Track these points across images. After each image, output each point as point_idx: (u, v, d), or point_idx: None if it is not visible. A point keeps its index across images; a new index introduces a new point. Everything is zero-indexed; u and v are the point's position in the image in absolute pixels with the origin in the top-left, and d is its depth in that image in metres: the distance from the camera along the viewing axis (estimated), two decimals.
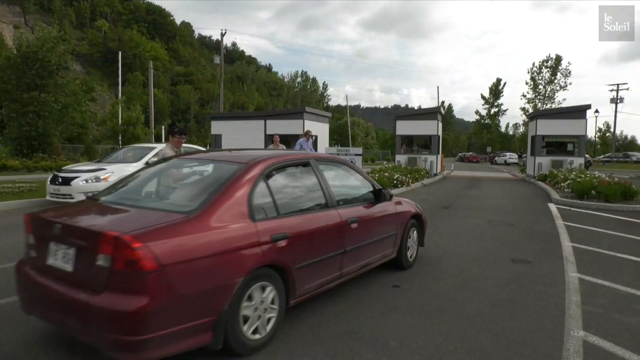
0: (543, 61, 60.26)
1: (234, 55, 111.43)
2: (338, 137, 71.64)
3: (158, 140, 36.27)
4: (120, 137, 32.23)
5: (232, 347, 3.10)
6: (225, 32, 35.92)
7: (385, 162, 28.63)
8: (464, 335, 3.66)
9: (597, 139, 70.56)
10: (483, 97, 74.91)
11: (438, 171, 24.50)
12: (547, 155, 21.79)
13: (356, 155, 13.34)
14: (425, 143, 24.77)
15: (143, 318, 2.60)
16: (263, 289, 3.33)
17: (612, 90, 55.25)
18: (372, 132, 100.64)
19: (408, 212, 5.49)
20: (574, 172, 16.06)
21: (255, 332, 3.27)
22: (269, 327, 3.38)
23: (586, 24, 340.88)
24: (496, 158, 53.52)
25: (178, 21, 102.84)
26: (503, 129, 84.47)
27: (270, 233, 3.37)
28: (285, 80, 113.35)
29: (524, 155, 34.06)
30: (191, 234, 2.92)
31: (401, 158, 23.51)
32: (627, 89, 59.11)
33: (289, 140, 24.77)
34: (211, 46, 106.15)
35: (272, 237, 3.36)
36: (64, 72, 24.78)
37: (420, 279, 5.21)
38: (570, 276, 5.33)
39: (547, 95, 59.46)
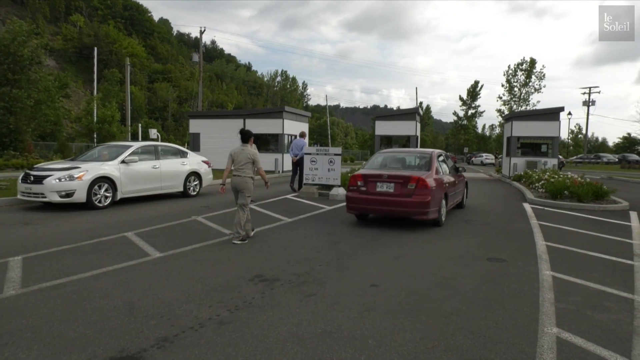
0: (518, 64, 61.30)
1: (213, 54, 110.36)
2: (318, 136, 71.68)
3: (135, 138, 35.62)
4: (95, 135, 31.54)
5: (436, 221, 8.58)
6: (205, 30, 35.52)
7: (364, 162, 28.75)
8: (441, 333, 3.69)
9: (570, 140, 72.37)
10: (461, 99, 75.85)
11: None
12: (522, 156, 22.24)
13: (335, 155, 13.30)
14: (404, 143, 24.99)
15: (428, 203, 7.98)
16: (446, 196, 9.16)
17: (584, 93, 56.77)
18: (352, 132, 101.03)
19: (465, 179, 11.92)
20: (548, 173, 16.40)
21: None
22: None
23: (562, 29, 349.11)
24: (473, 159, 54.34)
25: (156, 17, 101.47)
26: (480, 130, 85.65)
27: (445, 182, 9.02)
28: (265, 79, 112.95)
29: (499, 156, 34.67)
30: (431, 178, 8.25)
31: None
32: (599, 92, 60.72)
33: (268, 139, 24.76)
34: (190, 44, 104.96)
35: (445, 184, 9.06)
36: (37, 67, 24.13)
37: (398, 278, 5.25)
38: (544, 274, 5.44)
39: (522, 97, 60.58)
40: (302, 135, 15.58)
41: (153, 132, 27.16)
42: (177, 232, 7.84)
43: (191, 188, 12.86)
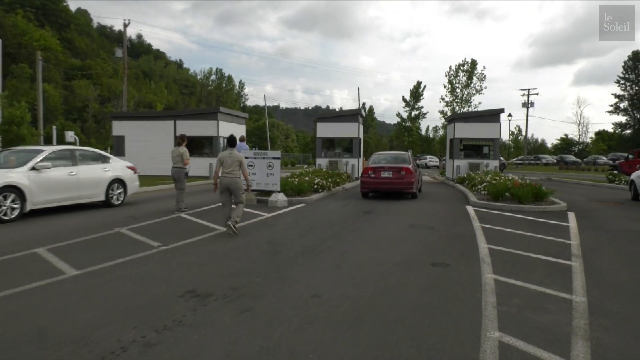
0: (459, 65, 64.22)
1: (140, 49, 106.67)
2: (256, 139, 71.12)
3: (49, 142, 33.61)
4: (0, 139, 29.38)
5: (415, 195, 15.24)
6: (129, 23, 34.30)
7: (306, 166, 28.83)
8: (384, 344, 3.75)
9: (510, 142, 76.71)
10: (404, 100, 78.16)
11: (360, 174, 25.18)
12: (465, 158, 23.26)
13: (274, 158, 13.23)
14: (346, 146, 25.36)
15: (412, 183, 14.48)
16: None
17: (523, 95, 60.50)
18: (293, 134, 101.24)
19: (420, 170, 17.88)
20: (490, 175, 17.25)
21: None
22: None
23: (502, 31, 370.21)
24: (417, 161, 56.16)
25: (73, 8, 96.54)
26: (424, 132, 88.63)
27: (417, 171, 16.48)
28: (199, 77, 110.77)
29: (443, 159, 36.07)
30: (412, 168, 14.91)
31: (322, 161, 23.87)
32: (537, 94, 64.96)
33: (202, 142, 24.24)
34: (113, 38, 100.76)
35: (417, 172, 16.49)
36: None
37: (341, 287, 5.29)
38: (487, 277, 5.69)
39: (464, 98, 63.48)
40: (242, 139, 15.95)
41: (70, 135, 25.85)
42: (98, 246, 7.46)
43: (114, 197, 12.32)
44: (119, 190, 12.52)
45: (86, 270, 5.92)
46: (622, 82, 68.31)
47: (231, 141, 8.87)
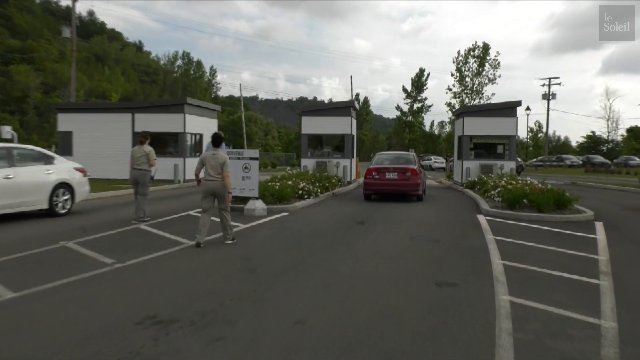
0: (469, 50, 64.95)
1: (92, 28, 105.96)
2: (230, 135, 70.95)
3: None
4: None
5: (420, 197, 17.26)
6: None
7: (289, 168, 28.83)
8: None
9: (529, 140, 77.60)
10: (405, 90, 78.73)
11: (353, 178, 25.25)
12: (475, 159, 23.46)
13: (251, 159, 13.18)
14: (337, 144, 25.41)
15: (418, 185, 16.50)
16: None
17: (543, 85, 61.04)
18: (274, 130, 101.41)
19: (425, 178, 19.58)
20: (505, 179, 17.43)
21: None
22: None
23: (518, 10, 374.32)
24: (420, 162, 56.56)
25: None
26: (428, 128, 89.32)
27: (422, 172, 18.62)
28: (162, 62, 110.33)
29: (450, 159, 36.33)
30: (418, 169, 17.02)
31: (308, 163, 23.91)
32: (559, 84, 65.74)
33: (166, 140, 24.12)
34: (59, 15, 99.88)
35: (422, 173, 18.61)
36: None
37: (330, 311, 5.28)
38: (501, 299, 5.73)
39: (474, 89, 64.11)
40: (219, 137, 15.83)
41: (7, 131, 25.56)
42: (39, 264, 7.37)
43: (60, 204, 12.22)
44: (65, 197, 12.43)
45: (24, 292, 5.84)
46: None
47: (216, 140, 9.32)
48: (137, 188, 11.65)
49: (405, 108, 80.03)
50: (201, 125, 25.48)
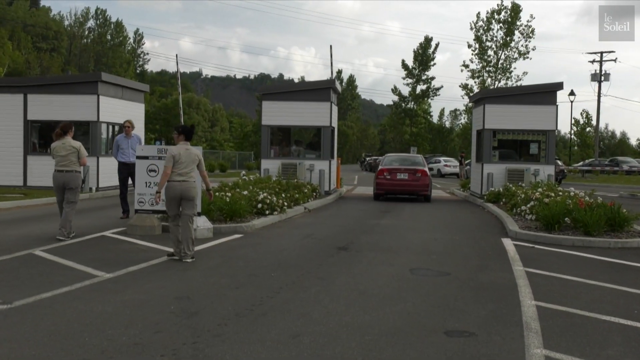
0: (493, 11, 65.26)
1: None
2: (163, 125, 70.65)
3: None
4: None
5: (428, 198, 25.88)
6: None
7: (244, 173, 28.49)
8: None
9: (573, 136, 78.14)
10: (405, 66, 78.65)
11: (332, 187, 25.26)
12: (500, 162, 23.66)
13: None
14: (311, 140, 25.39)
15: (427, 186, 25.32)
16: None
17: (593, 61, 60.66)
18: (223, 119, 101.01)
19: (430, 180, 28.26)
20: (540, 189, 17.51)
21: None
22: None
23: None
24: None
25: None
26: (436, 119, 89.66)
27: (430, 174, 27.43)
28: (66, 23, 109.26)
29: (466, 162, 36.62)
30: (427, 170, 26.33)
31: (271, 165, 23.80)
32: (615, 61, 63.40)
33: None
34: None
35: (430, 175, 27.46)
36: None
37: None
38: (534, 353, 5.74)
39: (500, 65, 64.61)
40: (129, 126, 15.61)
41: None
42: None
43: None
44: None
45: None
46: None
47: (187, 132, 10.39)
48: (63, 195, 11.56)
49: (405, 91, 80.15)
50: (122, 111, 25.08)
